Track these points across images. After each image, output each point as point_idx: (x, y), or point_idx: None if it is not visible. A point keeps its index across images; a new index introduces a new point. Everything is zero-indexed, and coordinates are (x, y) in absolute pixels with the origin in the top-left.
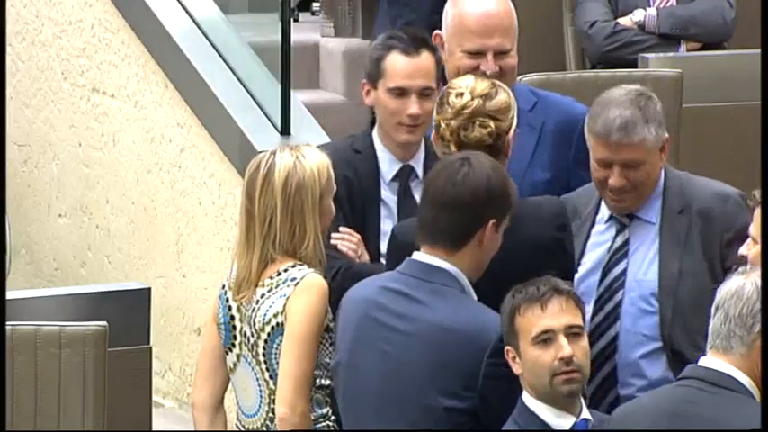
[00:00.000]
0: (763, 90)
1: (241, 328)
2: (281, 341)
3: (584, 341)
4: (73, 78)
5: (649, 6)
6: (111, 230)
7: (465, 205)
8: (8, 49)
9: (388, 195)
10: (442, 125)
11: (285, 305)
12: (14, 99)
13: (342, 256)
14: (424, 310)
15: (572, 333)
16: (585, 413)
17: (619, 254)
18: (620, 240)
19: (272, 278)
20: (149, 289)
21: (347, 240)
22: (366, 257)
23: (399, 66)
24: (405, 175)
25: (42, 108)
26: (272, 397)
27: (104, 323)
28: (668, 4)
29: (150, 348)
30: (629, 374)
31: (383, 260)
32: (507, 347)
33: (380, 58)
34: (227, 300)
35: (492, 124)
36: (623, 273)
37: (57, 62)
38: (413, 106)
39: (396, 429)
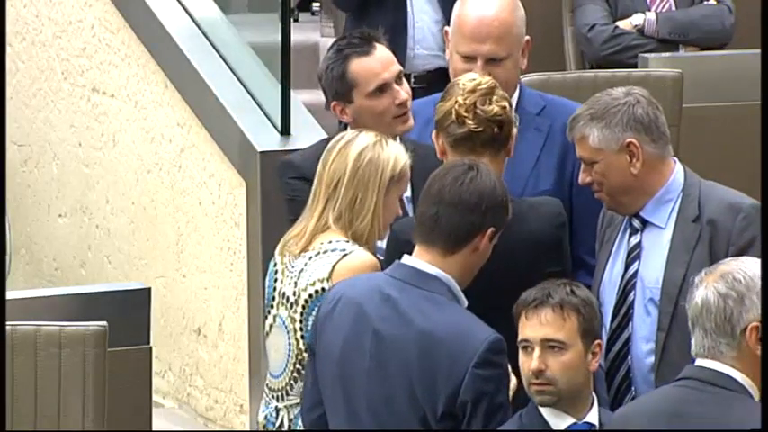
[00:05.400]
0: (763, 90)
1: (281, 290)
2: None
3: (567, 355)
4: (73, 78)
5: (648, 10)
6: (111, 230)
7: (470, 207)
8: (8, 49)
9: None
10: (459, 102)
11: (332, 272)
12: (14, 99)
13: None
14: (412, 316)
15: (549, 346)
16: (592, 417)
17: (631, 256)
18: (633, 242)
19: (322, 243)
20: (149, 289)
21: None
22: None
23: (369, 66)
24: None
25: (42, 108)
26: (299, 357)
27: (104, 323)
28: (665, 8)
29: (150, 348)
30: (641, 379)
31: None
32: None
33: (344, 72)
34: (276, 272)
35: (506, 103)
36: (635, 275)
37: (57, 62)
38: (398, 94)
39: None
